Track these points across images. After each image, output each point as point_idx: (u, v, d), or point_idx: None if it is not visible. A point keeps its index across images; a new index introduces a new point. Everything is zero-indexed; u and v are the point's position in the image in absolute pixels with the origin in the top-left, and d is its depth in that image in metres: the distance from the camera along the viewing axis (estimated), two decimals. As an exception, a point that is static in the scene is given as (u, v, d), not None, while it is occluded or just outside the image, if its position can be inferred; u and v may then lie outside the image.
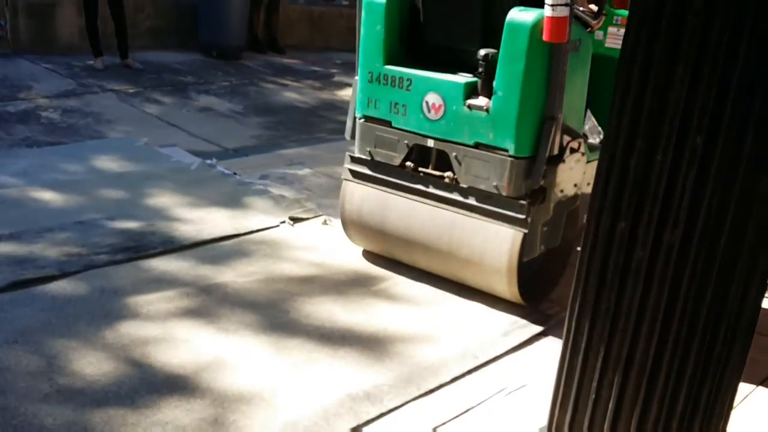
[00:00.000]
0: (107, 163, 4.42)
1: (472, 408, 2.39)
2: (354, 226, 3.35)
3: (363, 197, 3.26)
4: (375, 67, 3.09)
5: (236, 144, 5.25)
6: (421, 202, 3.08)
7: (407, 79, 3.01)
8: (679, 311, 1.65)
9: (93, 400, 2.24)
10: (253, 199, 3.96)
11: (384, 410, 2.32)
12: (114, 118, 5.55)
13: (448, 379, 2.53)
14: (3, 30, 6.97)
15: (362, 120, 3.20)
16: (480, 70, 2.83)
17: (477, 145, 2.89)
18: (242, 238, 3.49)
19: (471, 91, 2.89)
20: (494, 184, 2.86)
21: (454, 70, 3.00)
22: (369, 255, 3.43)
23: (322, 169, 4.63)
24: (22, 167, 4.19)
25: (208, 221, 3.62)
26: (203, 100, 6.40)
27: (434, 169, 3.04)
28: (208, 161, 4.53)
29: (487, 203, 2.90)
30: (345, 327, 2.80)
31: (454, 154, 2.95)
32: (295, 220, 3.74)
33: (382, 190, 3.20)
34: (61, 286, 2.88)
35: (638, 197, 1.63)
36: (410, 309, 2.98)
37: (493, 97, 2.82)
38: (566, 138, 2.83)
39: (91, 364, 2.41)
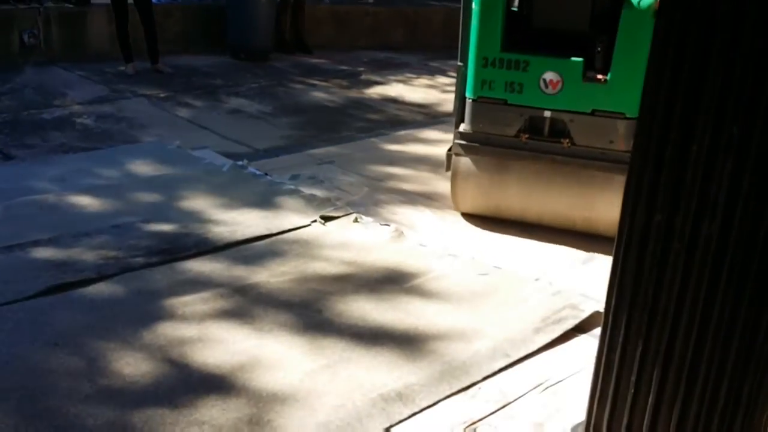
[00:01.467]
0: (141, 167, 4.49)
1: (506, 405, 2.38)
2: (467, 193, 3.87)
3: (475, 166, 3.76)
4: (490, 53, 3.55)
5: (267, 145, 5.29)
6: (536, 164, 3.63)
7: (524, 62, 3.51)
8: (719, 303, 1.61)
9: (132, 401, 2.28)
10: (285, 199, 3.99)
11: (416, 410, 2.32)
12: (146, 122, 5.64)
13: (480, 377, 2.51)
14: (36, 39, 7.12)
15: (475, 100, 3.65)
16: (598, 48, 3.40)
17: (593, 112, 3.46)
18: (275, 238, 3.52)
19: (586, 67, 3.45)
20: (610, 141, 3.44)
21: (557, 51, 3.49)
22: (401, 252, 3.42)
23: (351, 168, 4.64)
24: (58, 173, 4.28)
25: (240, 222, 3.65)
26: (233, 102, 6.46)
27: (548, 135, 3.58)
28: (240, 162, 4.57)
29: (602, 157, 3.49)
30: (377, 325, 2.80)
31: (570, 120, 3.51)
32: (327, 218, 3.75)
33: (495, 158, 3.71)
34: (99, 289, 2.94)
35: (674, 189, 1.60)
36: (442, 306, 2.97)
37: (610, 71, 3.38)
38: None
39: (129, 365, 2.46)
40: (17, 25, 7.01)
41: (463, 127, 3.76)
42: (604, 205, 3.52)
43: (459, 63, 3.77)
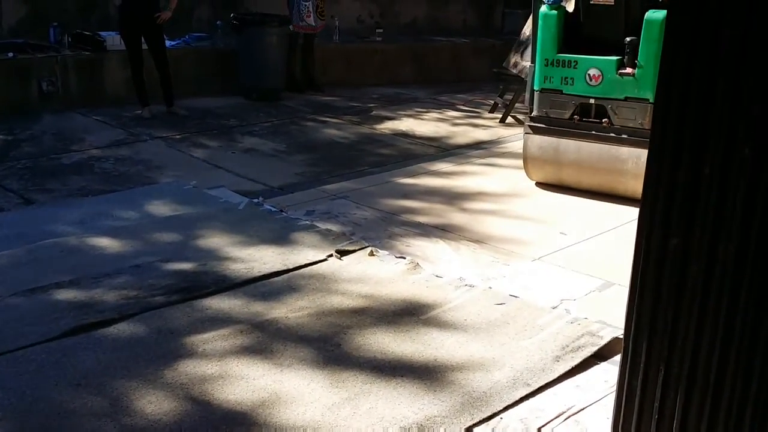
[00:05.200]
0: (159, 207, 4.55)
1: (531, 434, 2.36)
2: (535, 163, 5.00)
3: (541, 142, 4.90)
4: (550, 55, 4.74)
5: (281, 182, 5.35)
6: (585, 140, 4.71)
7: (573, 61, 4.69)
8: (739, 325, 1.61)
9: (156, 439, 2.29)
10: (300, 235, 4.02)
11: (440, 440, 2.31)
12: (163, 164, 5.73)
13: (501, 407, 2.50)
14: (54, 86, 7.29)
15: (539, 91, 4.85)
16: (627, 50, 4.47)
17: (626, 99, 4.54)
18: (292, 273, 3.54)
19: (620, 64, 4.55)
20: (639, 122, 4.49)
21: (599, 52, 4.57)
22: (417, 283, 3.44)
23: (365, 202, 4.68)
24: (78, 216, 4.35)
25: (257, 258, 3.69)
26: (247, 142, 6.56)
27: (594, 118, 4.68)
28: (255, 200, 4.63)
29: (635, 135, 4.50)
30: (396, 358, 2.80)
31: (609, 106, 4.61)
32: (342, 252, 3.78)
33: (555, 136, 4.82)
34: (120, 329, 2.97)
35: (689, 212, 1.61)
36: (460, 337, 2.97)
37: (636, 67, 4.45)
38: None
39: (152, 404, 2.47)
40: (36, 73, 7.18)
41: (533, 113, 4.90)
42: (636, 173, 4.29)
43: (531, 64, 4.97)
